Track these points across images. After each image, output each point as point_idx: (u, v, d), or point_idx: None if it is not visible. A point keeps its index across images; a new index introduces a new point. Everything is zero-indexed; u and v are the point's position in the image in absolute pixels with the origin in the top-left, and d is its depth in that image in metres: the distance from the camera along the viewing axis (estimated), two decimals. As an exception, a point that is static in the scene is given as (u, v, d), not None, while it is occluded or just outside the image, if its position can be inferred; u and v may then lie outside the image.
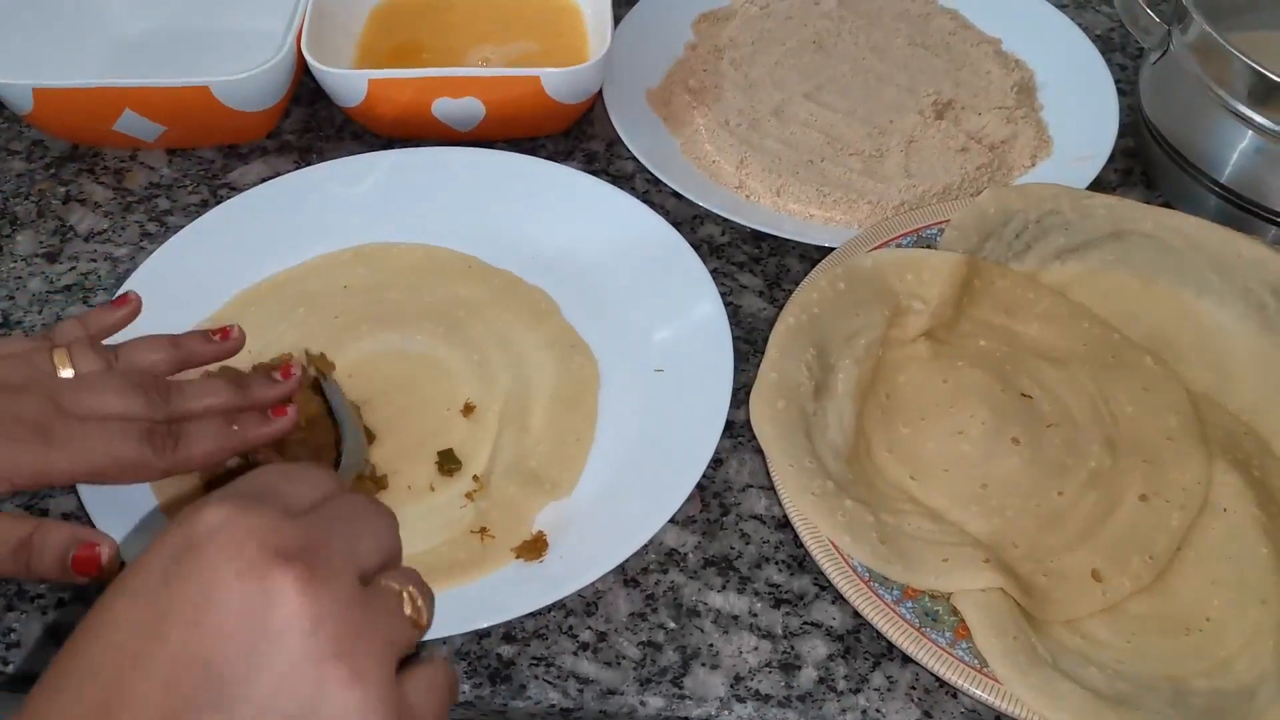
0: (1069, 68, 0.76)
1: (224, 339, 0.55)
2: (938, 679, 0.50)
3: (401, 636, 0.33)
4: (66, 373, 0.50)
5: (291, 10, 0.71)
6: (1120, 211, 0.63)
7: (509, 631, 0.51)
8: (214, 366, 0.57)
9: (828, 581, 0.51)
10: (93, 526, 0.51)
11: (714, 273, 0.63)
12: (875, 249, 0.62)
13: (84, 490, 0.53)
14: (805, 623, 0.52)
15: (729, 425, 0.57)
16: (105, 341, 0.54)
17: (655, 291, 0.62)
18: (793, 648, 0.52)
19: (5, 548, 0.46)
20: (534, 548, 0.53)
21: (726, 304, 0.61)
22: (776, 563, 0.54)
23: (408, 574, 0.35)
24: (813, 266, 0.62)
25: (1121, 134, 0.71)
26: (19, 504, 0.55)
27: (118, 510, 0.53)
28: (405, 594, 0.34)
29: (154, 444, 0.48)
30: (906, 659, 0.51)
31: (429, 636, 0.48)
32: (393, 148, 0.69)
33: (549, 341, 0.61)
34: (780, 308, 0.60)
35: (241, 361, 0.59)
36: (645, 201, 0.66)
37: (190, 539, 0.31)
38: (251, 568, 0.30)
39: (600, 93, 0.72)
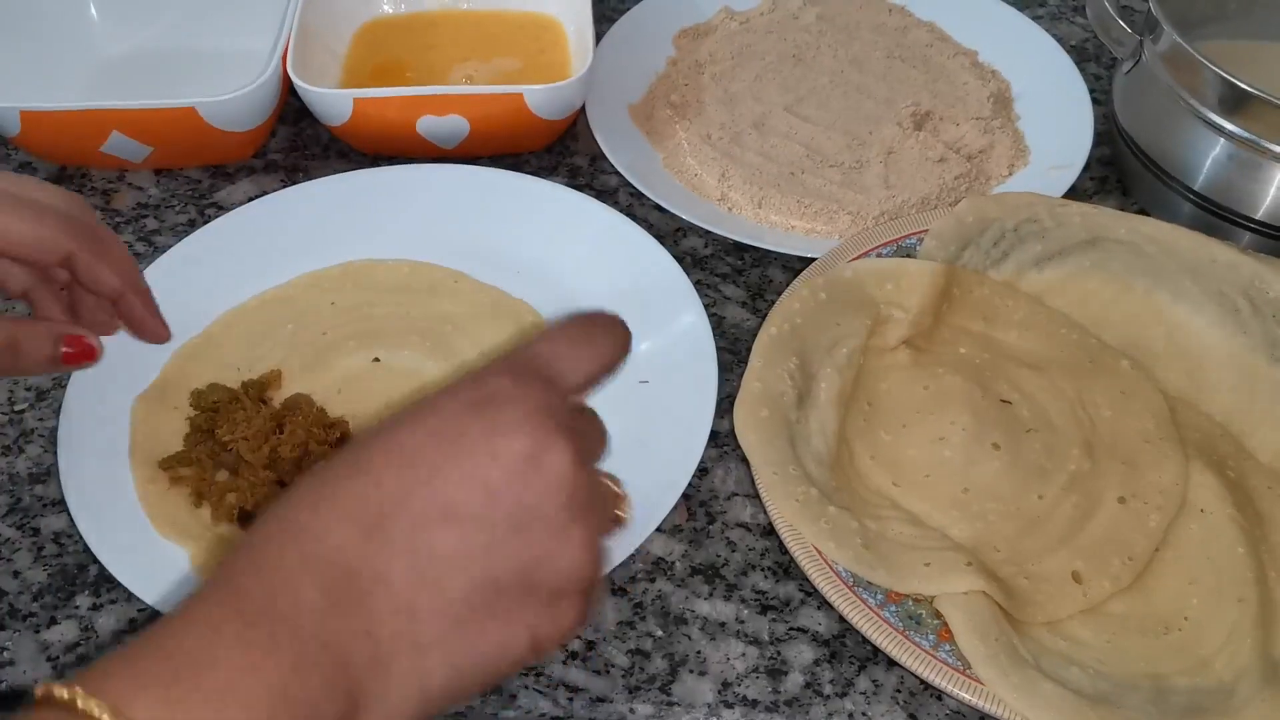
0: (1045, 78, 0.77)
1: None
2: (922, 682, 0.51)
3: (609, 526, 0.39)
4: None
5: (276, 31, 0.71)
6: (1095, 219, 0.64)
7: (499, 642, 0.52)
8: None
9: (813, 587, 0.52)
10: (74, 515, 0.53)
11: (697, 284, 0.64)
12: (856, 259, 0.63)
13: (67, 488, 0.54)
14: (791, 628, 0.53)
15: (714, 435, 0.58)
16: None
17: (639, 304, 0.62)
18: (779, 653, 0.52)
19: None
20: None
21: (710, 315, 0.62)
22: (762, 569, 0.55)
23: (615, 479, 0.40)
24: (795, 277, 0.62)
25: (1097, 143, 0.72)
26: (5, 509, 0.56)
27: (98, 504, 0.54)
28: (618, 492, 0.40)
29: (71, 229, 0.48)
30: (891, 663, 0.51)
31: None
32: (378, 165, 0.70)
33: (535, 355, 0.62)
34: (763, 318, 0.61)
35: (229, 378, 0.59)
36: (628, 215, 0.66)
37: (486, 394, 0.36)
38: (539, 427, 0.35)
39: (583, 108, 0.72)
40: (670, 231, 0.70)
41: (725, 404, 0.59)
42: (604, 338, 0.41)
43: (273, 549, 0.34)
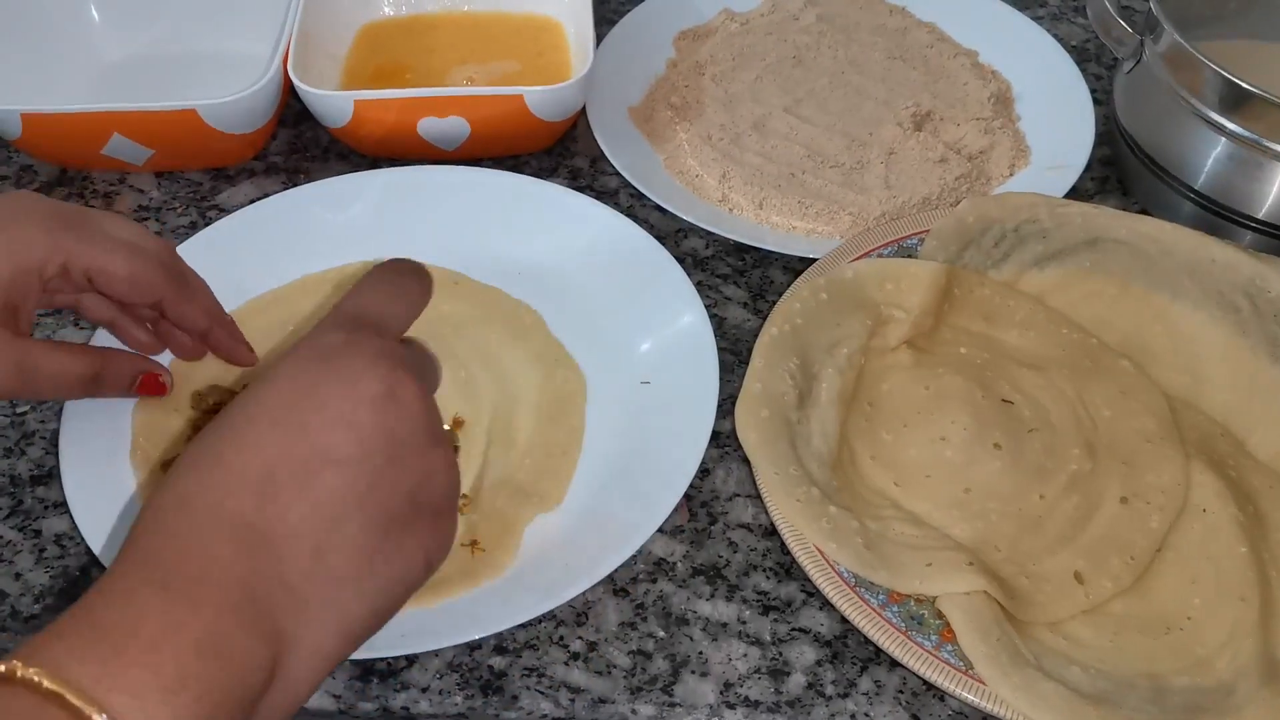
0: (1045, 78, 0.77)
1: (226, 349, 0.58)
2: (924, 682, 0.51)
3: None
4: None
5: (277, 33, 0.71)
6: (1096, 219, 0.64)
7: (500, 643, 0.52)
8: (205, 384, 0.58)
9: (814, 588, 0.52)
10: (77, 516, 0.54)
11: (698, 285, 0.64)
12: (856, 259, 0.63)
13: (69, 489, 0.54)
14: (793, 629, 0.53)
15: (715, 435, 0.58)
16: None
17: (640, 305, 0.63)
18: (781, 654, 0.52)
19: (80, 378, 0.52)
20: None
21: (711, 316, 0.62)
22: (764, 570, 0.55)
23: None
24: (795, 278, 0.62)
25: (1097, 143, 0.72)
26: (7, 511, 0.56)
27: (100, 504, 0.54)
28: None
29: (165, 272, 0.52)
30: (894, 663, 0.51)
31: (421, 650, 0.48)
32: (379, 167, 0.70)
33: (535, 356, 0.62)
34: (764, 319, 0.61)
35: (229, 380, 0.60)
36: (629, 216, 0.66)
37: (328, 348, 0.39)
38: (386, 367, 0.38)
39: (583, 110, 0.72)
40: (671, 232, 0.70)
41: (726, 404, 0.59)
42: (411, 285, 0.44)
43: (179, 517, 0.36)
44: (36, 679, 0.31)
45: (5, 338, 0.48)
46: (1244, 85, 0.61)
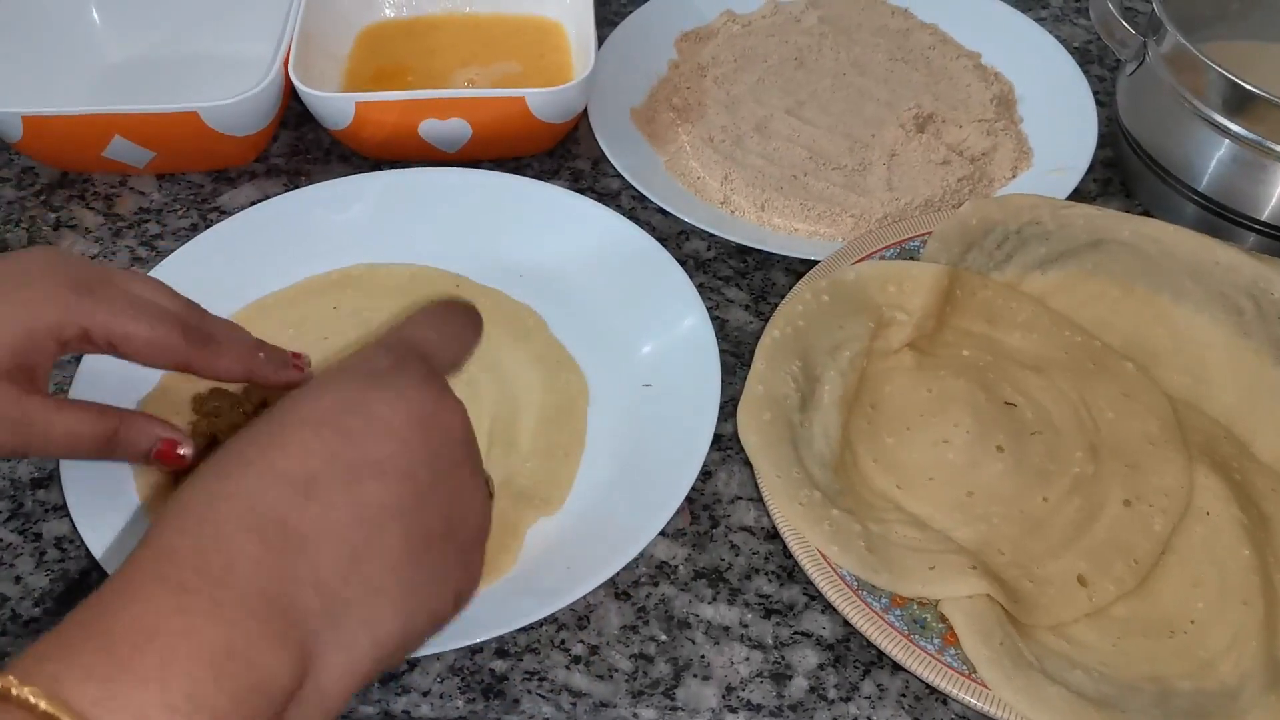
0: (1048, 80, 0.77)
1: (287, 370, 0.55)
2: (927, 686, 0.50)
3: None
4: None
5: (278, 35, 0.71)
6: (1098, 221, 0.64)
7: (501, 646, 0.52)
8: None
9: (817, 591, 0.52)
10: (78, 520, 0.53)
11: (700, 287, 0.64)
12: (859, 261, 0.63)
13: (69, 493, 0.54)
14: (795, 632, 0.53)
15: (717, 438, 0.58)
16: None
17: (642, 307, 0.63)
18: (783, 657, 0.52)
19: (94, 440, 0.49)
20: None
21: (713, 318, 0.62)
22: (766, 573, 0.55)
23: None
24: (797, 280, 0.62)
25: (1100, 144, 0.72)
26: (7, 514, 0.56)
27: (100, 508, 0.54)
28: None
29: (188, 335, 0.50)
30: (896, 666, 0.51)
31: (422, 653, 0.48)
32: (380, 169, 0.70)
33: (537, 358, 0.62)
34: (766, 321, 0.61)
35: (231, 383, 0.59)
36: (631, 218, 0.66)
37: (378, 368, 0.39)
38: (434, 389, 0.39)
39: (585, 112, 0.72)
40: (673, 234, 0.70)
41: (728, 407, 0.59)
42: (463, 327, 0.45)
43: (204, 512, 0.34)
44: (33, 700, 0.28)
45: (14, 395, 0.46)
46: (1247, 86, 0.61)
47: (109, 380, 0.57)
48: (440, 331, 0.43)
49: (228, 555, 0.32)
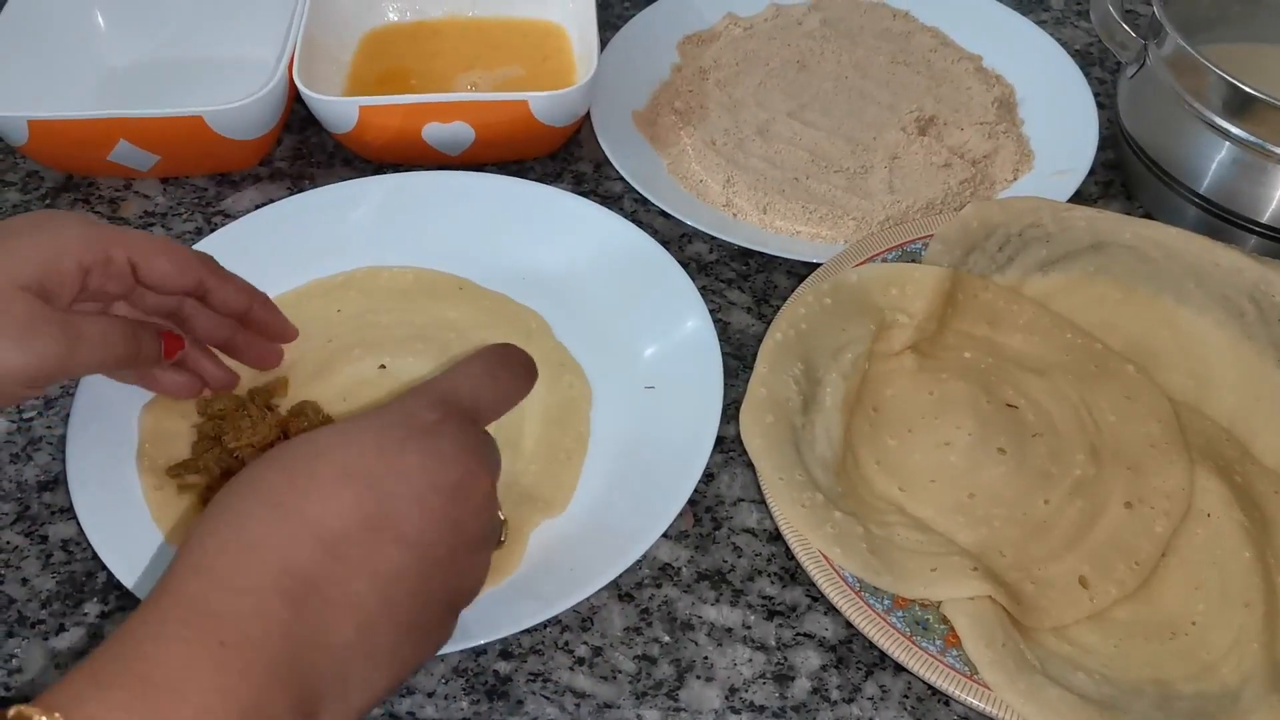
0: (1049, 83, 0.77)
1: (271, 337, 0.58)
2: (929, 687, 0.51)
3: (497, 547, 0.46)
4: None
5: (282, 40, 0.72)
6: (1100, 223, 0.64)
7: (505, 648, 0.52)
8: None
9: (819, 593, 0.52)
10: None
11: (702, 290, 0.64)
12: (860, 264, 0.63)
13: (76, 495, 0.54)
14: (798, 634, 0.53)
15: (719, 440, 0.58)
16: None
17: (645, 310, 0.63)
18: (786, 659, 0.52)
19: (122, 337, 0.49)
20: None
21: (715, 321, 0.62)
22: (769, 575, 0.55)
23: (498, 503, 0.44)
24: (800, 282, 0.63)
25: (1101, 147, 0.72)
26: (13, 517, 0.56)
27: (107, 511, 0.54)
28: (502, 517, 0.45)
29: (202, 258, 0.53)
30: (899, 668, 0.52)
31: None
32: (384, 173, 0.70)
33: (540, 361, 0.60)
34: (768, 324, 0.61)
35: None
36: (634, 221, 0.67)
37: (420, 425, 0.40)
38: (469, 460, 0.40)
39: (588, 115, 0.73)
40: (675, 237, 0.70)
41: (731, 409, 0.59)
42: (514, 375, 0.46)
43: (238, 562, 0.35)
44: None
45: (44, 309, 0.46)
46: (1248, 89, 0.61)
47: (111, 385, 0.57)
48: (492, 386, 0.44)
49: (262, 619, 0.34)
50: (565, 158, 0.75)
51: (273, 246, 0.65)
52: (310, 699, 0.35)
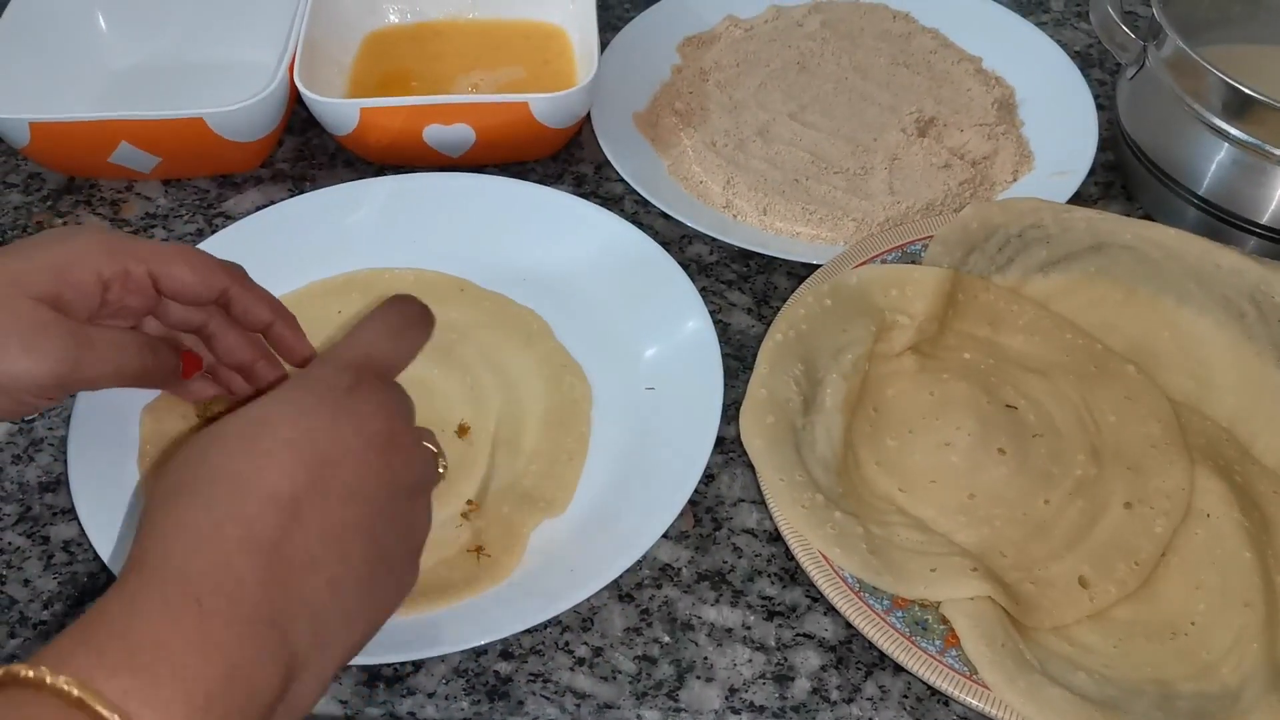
0: (1049, 84, 0.77)
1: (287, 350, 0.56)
2: (929, 687, 0.51)
3: (436, 482, 0.46)
4: None
5: (283, 42, 0.72)
6: (1100, 224, 0.64)
7: (506, 648, 0.52)
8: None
9: (819, 593, 0.52)
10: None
11: (703, 291, 0.64)
12: (861, 265, 0.63)
13: (77, 496, 0.54)
14: (798, 634, 0.53)
15: (720, 441, 0.58)
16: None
17: (645, 311, 0.63)
18: (786, 659, 0.52)
19: (135, 346, 0.50)
20: None
21: (715, 322, 0.62)
22: (769, 575, 0.55)
23: (430, 435, 0.46)
24: (800, 284, 0.63)
25: (1101, 148, 0.72)
26: (15, 518, 0.56)
27: (108, 512, 0.54)
28: (434, 449, 0.46)
29: (226, 266, 0.53)
30: (898, 668, 0.52)
31: (427, 655, 0.48)
32: (385, 174, 0.70)
33: (541, 362, 0.62)
34: (768, 325, 0.61)
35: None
36: (634, 222, 0.67)
37: (342, 387, 0.42)
38: (390, 414, 0.42)
39: (588, 116, 0.73)
40: (675, 238, 0.70)
41: (731, 410, 0.60)
42: (413, 326, 0.47)
43: (209, 531, 0.36)
44: (66, 687, 0.31)
45: (54, 316, 0.46)
46: (1247, 90, 0.61)
47: (111, 391, 0.57)
48: (393, 338, 0.46)
49: (237, 578, 0.36)
50: (566, 159, 0.75)
51: (274, 248, 0.66)
52: (290, 657, 0.36)
